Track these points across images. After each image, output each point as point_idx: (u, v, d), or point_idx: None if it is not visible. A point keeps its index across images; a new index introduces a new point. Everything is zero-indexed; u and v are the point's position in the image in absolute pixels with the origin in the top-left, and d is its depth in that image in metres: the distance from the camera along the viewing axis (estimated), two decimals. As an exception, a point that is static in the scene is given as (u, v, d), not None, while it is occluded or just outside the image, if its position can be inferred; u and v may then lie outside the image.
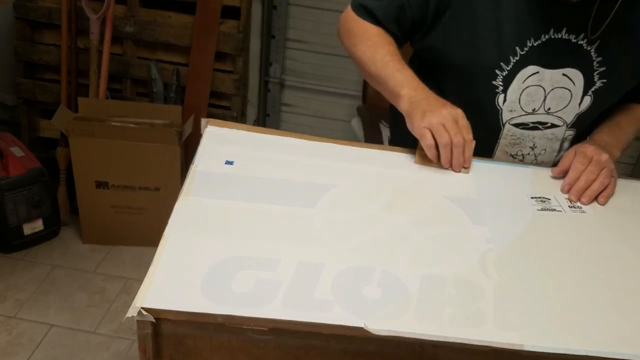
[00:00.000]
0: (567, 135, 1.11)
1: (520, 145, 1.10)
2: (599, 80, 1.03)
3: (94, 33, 2.07)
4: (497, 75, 1.03)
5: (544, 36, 1.01)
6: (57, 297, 1.92)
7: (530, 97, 1.05)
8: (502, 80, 1.04)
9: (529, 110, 1.06)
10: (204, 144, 1.02)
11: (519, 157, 1.12)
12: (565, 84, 1.03)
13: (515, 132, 1.08)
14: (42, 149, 2.38)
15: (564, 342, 0.70)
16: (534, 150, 1.11)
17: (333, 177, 0.98)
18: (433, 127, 0.97)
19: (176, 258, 0.75)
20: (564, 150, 1.12)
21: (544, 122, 1.07)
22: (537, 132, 1.08)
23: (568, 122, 1.08)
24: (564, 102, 1.05)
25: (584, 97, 1.05)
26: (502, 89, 1.04)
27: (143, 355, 0.70)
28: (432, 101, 1.01)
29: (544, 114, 1.06)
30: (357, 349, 0.70)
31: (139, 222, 2.12)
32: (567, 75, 1.03)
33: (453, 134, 0.97)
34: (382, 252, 0.81)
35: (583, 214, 0.98)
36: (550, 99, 1.04)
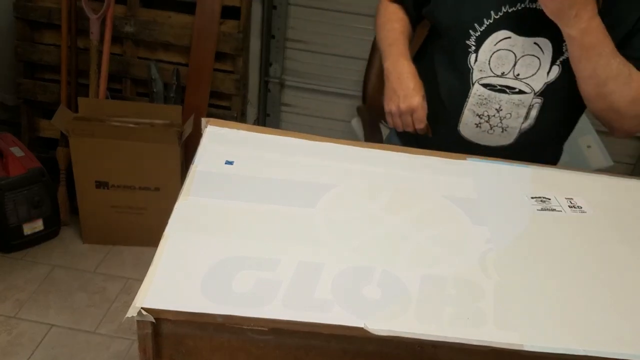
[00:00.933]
0: (534, 102, 1.13)
1: (487, 106, 1.13)
2: (567, 51, 1.05)
3: (94, 33, 2.07)
4: (470, 35, 1.09)
5: (520, 5, 1.06)
6: (57, 297, 1.92)
7: (501, 61, 1.09)
8: (475, 41, 1.10)
9: (498, 73, 1.10)
10: (204, 144, 1.02)
11: (485, 118, 1.15)
12: (535, 52, 1.08)
13: (482, 93, 1.13)
14: (42, 149, 2.38)
15: (564, 342, 0.70)
16: (499, 113, 1.14)
17: (333, 177, 0.98)
18: (392, 115, 1.16)
19: (176, 258, 0.75)
20: (530, 118, 1.15)
21: (512, 87, 1.11)
22: (504, 95, 1.12)
23: (536, 90, 1.11)
24: (533, 69, 1.09)
25: (552, 66, 1.08)
26: (474, 49, 1.10)
27: (143, 355, 0.70)
28: (402, 82, 1.14)
29: (513, 79, 1.10)
30: (357, 349, 0.70)
31: (139, 222, 2.12)
32: (538, 44, 1.07)
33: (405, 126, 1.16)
34: (382, 252, 0.81)
35: (583, 214, 0.98)
36: (520, 65, 1.09)
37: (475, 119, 1.15)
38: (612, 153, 2.10)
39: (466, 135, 1.18)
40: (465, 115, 1.16)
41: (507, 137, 1.17)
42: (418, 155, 1.09)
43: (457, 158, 1.10)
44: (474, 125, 1.16)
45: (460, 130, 1.18)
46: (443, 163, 1.07)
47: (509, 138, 1.17)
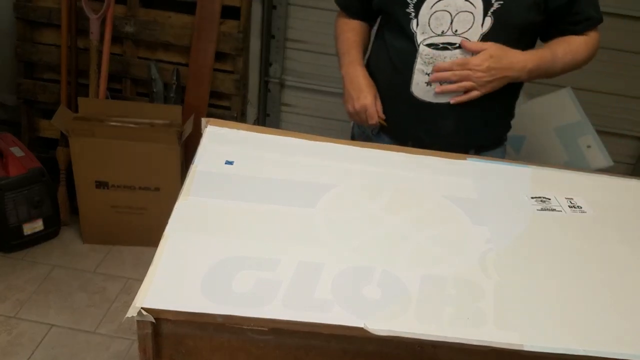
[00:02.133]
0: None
1: (433, 64, 1.22)
2: (496, 2, 1.16)
3: (94, 33, 2.07)
4: (408, 4, 1.21)
5: None
6: (57, 297, 1.92)
7: (438, 21, 1.20)
8: (413, 8, 1.21)
9: (438, 32, 1.20)
10: (204, 144, 1.02)
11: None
12: (467, 8, 1.18)
13: (428, 52, 1.22)
14: (42, 149, 2.38)
15: (563, 342, 0.70)
16: None
17: (333, 177, 0.98)
18: (350, 114, 1.33)
19: (176, 258, 0.75)
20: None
21: (453, 43, 1.20)
22: (447, 52, 1.21)
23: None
24: (468, 24, 1.19)
25: (485, 18, 1.18)
26: (414, 15, 1.22)
27: (143, 355, 0.70)
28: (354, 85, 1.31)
29: (452, 36, 1.20)
30: (357, 349, 0.70)
31: (139, 222, 2.12)
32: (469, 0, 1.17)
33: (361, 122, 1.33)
34: (382, 252, 0.81)
35: (583, 214, 0.98)
36: (456, 22, 1.19)
37: (425, 77, 1.24)
38: (612, 153, 2.09)
39: (418, 95, 1.26)
40: (415, 75, 1.24)
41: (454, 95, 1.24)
42: (418, 155, 1.09)
43: (457, 158, 1.10)
44: (425, 84, 1.24)
45: (412, 92, 1.26)
46: (443, 163, 1.07)
47: (457, 92, 1.23)
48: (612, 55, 2.31)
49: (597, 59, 2.41)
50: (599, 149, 2.06)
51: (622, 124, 2.43)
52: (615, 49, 2.29)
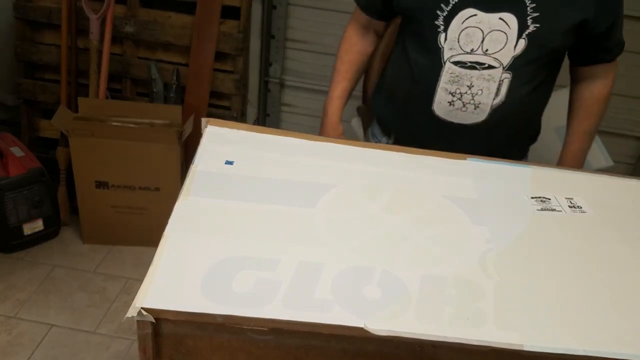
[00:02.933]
0: (504, 77, 1.17)
1: (459, 83, 1.17)
2: (532, 24, 1.12)
3: (94, 33, 2.07)
4: (438, 16, 1.14)
5: None
6: (57, 297, 1.92)
7: (469, 38, 1.14)
8: (443, 20, 1.15)
9: (468, 50, 1.15)
10: (204, 144, 1.02)
11: (457, 96, 1.19)
12: (501, 27, 1.12)
13: (454, 70, 1.17)
14: (42, 149, 2.38)
15: (563, 342, 0.70)
16: (471, 90, 1.18)
17: (333, 177, 0.98)
18: None
19: (176, 258, 0.75)
20: (501, 94, 1.18)
21: (482, 63, 1.15)
22: (474, 71, 1.16)
23: (504, 64, 1.16)
24: (500, 44, 1.14)
25: (519, 40, 1.13)
26: (443, 28, 1.15)
27: (143, 355, 0.70)
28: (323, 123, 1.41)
29: (482, 55, 1.15)
30: (357, 349, 0.70)
31: (139, 222, 2.12)
32: (503, 19, 1.12)
33: None
34: (382, 252, 0.81)
35: (583, 214, 0.98)
36: (487, 41, 1.13)
37: (448, 97, 1.19)
38: (612, 153, 2.09)
39: (440, 114, 1.21)
40: (438, 94, 1.20)
41: (480, 114, 1.20)
42: (418, 155, 1.09)
43: (457, 158, 1.10)
44: (447, 103, 1.20)
45: (434, 110, 1.21)
46: (443, 163, 1.07)
47: (481, 115, 1.20)
48: (612, 55, 2.30)
49: (597, 59, 2.38)
50: (599, 149, 2.06)
51: (622, 124, 2.43)
52: (615, 49, 2.29)
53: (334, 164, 1.02)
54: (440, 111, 1.21)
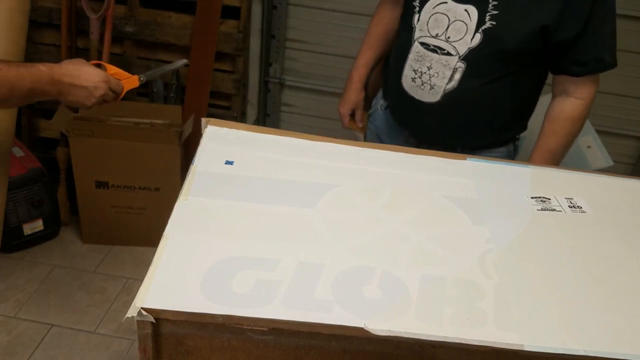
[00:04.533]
0: (458, 66, 1.22)
1: (421, 62, 1.25)
2: (489, 21, 1.17)
3: (94, 33, 2.07)
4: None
5: None
6: (57, 297, 1.92)
7: (436, 23, 1.22)
8: (419, 2, 1.24)
9: (433, 34, 1.23)
10: (204, 144, 1.02)
11: (419, 74, 1.27)
12: (464, 18, 1.19)
13: (419, 50, 1.25)
14: (42, 149, 2.38)
15: (563, 342, 0.70)
16: (430, 71, 1.25)
17: (333, 177, 0.98)
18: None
19: (176, 258, 0.75)
20: (454, 80, 1.24)
21: (442, 48, 1.22)
22: (435, 55, 1.24)
23: (460, 53, 1.21)
24: (460, 34, 1.20)
25: (475, 33, 1.19)
26: (418, 10, 1.25)
27: (143, 355, 0.70)
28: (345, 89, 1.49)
29: (444, 41, 1.22)
30: (357, 349, 0.70)
31: (139, 222, 2.12)
32: (467, 10, 1.18)
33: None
34: (382, 252, 0.81)
35: (583, 214, 0.98)
36: (451, 29, 1.20)
37: (412, 73, 1.28)
38: (612, 153, 2.09)
39: (406, 88, 1.30)
40: (406, 69, 1.29)
41: (434, 94, 1.26)
42: (418, 155, 1.09)
43: (457, 158, 1.10)
44: (411, 79, 1.28)
45: (402, 83, 1.31)
46: (443, 163, 1.07)
47: (435, 96, 1.26)
48: (612, 55, 2.30)
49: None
50: (598, 149, 2.06)
51: (622, 124, 2.43)
52: (615, 49, 2.29)
53: (334, 164, 1.02)
54: (406, 85, 1.30)
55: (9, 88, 0.95)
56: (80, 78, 1.07)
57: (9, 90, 0.95)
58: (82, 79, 1.07)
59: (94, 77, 1.10)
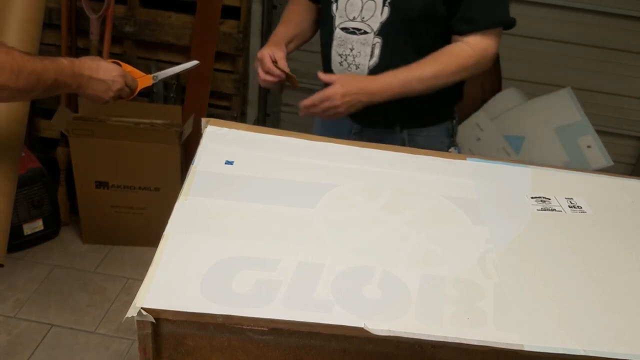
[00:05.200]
0: (375, 42, 1.30)
1: (344, 46, 1.33)
2: None
3: (94, 33, 2.07)
4: None
5: None
6: (57, 297, 1.92)
7: (352, 7, 1.30)
8: None
9: (351, 17, 1.31)
10: (204, 144, 1.02)
11: (344, 57, 1.34)
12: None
13: (341, 35, 1.33)
14: (42, 149, 2.38)
15: (563, 342, 0.70)
16: (352, 52, 1.33)
17: (333, 177, 0.98)
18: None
19: (176, 258, 0.75)
20: (375, 56, 1.30)
21: (359, 29, 1.30)
22: (354, 36, 1.31)
23: (375, 30, 1.29)
24: (372, 12, 1.28)
25: (384, 7, 1.26)
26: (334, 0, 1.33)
27: (143, 355, 0.70)
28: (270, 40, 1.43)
29: (360, 22, 1.30)
30: (357, 349, 0.70)
31: (139, 222, 2.12)
32: None
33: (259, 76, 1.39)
34: (382, 252, 0.81)
35: (583, 214, 0.98)
36: (364, 10, 1.29)
37: (338, 57, 1.35)
38: (612, 153, 2.10)
39: (336, 72, 1.36)
40: (333, 56, 1.36)
41: (361, 73, 1.33)
42: (418, 155, 1.09)
43: (457, 158, 1.10)
44: (339, 64, 1.35)
45: (332, 69, 1.37)
46: (443, 163, 1.07)
47: (362, 74, 1.33)
48: (612, 55, 2.31)
49: (598, 59, 2.42)
50: (599, 149, 2.06)
51: (622, 124, 2.43)
52: (615, 49, 2.29)
53: (334, 164, 1.02)
54: (336, 70, 1.36)
55: (36, 78, 0.98)
56: (99, 72, 1.11)
57: (36, 80, 0.98)
58: (100, 73, 1.11)
59: (112, 72, 1.14)
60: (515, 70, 2.36)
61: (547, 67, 2.35)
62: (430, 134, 1.39)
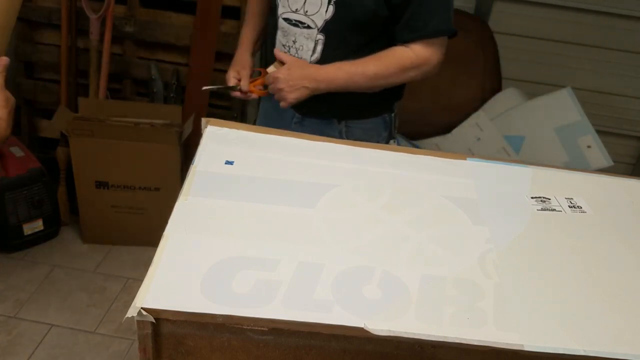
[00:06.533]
0: (318, 38, 1.30)
1: (287, 37, 1.34)
2: None
3: (94, 33, 2.07)
4: None
5: None
6: (57, 297, 1.92)
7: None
8: None
9: (293, 9, 1.30)
10: (204, 144, 1.02)
11: (287, 48, 1.35)
12: None
13: (284, 26, 1.33)
14: (42, 149, 2.38)
15: (563, 342, 0.70)
16: (295, 45, 1.33)
17: (333, 177, 0.98)
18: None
19: (176, 258, 0.75)
20: (317, 52, 1.32)
21: (303, 22, 1.30)
22: (297, 29, 1.31)
23: (319, 26, 1.28)
24: (316, 8, 1.27)
25: (329, 6, 1.26)
26: None
27: (143, 355, 0.70)
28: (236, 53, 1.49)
29: (303, 15, 1.29)
30: (357, 349, 0.70)
31: (139, 222, 2.12)
32: None
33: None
34: (382, 252, 0.81)
35: (583, 214, 0.98)
36: (308, 3, 1.27)
37: (282, 48, 1.36)
38: (612, 153, 2.10)
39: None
40: (277, 45, 1.38)
41: None
42: (418, 155, 1.09)
43: (457, 158, 1.10)
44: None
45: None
46: (443, 163, 1.07)
47: None
48: (612, 55, 2.31)
49: (597, 59, 2.42)
50: (599, 149, 2.06)
51: (622, 124, 2.43)
52: (615, 49, 2.29)
53: (334, 164, 1.02)
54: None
55: None
56: None
57: None
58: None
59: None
60: (515, 70, 2.36)
61: (547, 67, 2.35)
62: (368, 126, 1.42)
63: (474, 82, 2.25)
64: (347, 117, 1.40)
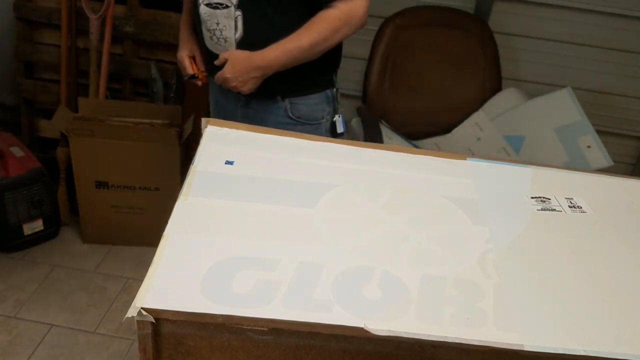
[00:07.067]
0: (237, 14, 1.34)
1: (211, 21, 1.37)
2: None
3: (94, 33, 2.07)
4: None
5: None
6: (57, 297, 1.92)
7: None
8: None
9: None
10: (204, 144, 1.02)
11: (212, 32, 1.39)
12: None
13: (206, 11, 1.37)
14: (42, 149, 2.38)
15: (563, 342, 0.70)
16: (219, 26, 1.37)
17: (333, 177, 0.98)
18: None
19: (176, 258, 0.75)
20: (239, 29, 1.36)
21: (222, 3, 1.34)
22: (218, 11, 1.35)
23: (234, 3, 1.34)
24: None
25: None
26: None
27: (143, 355, 0.70)
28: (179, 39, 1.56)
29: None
30: (357, 349, 0.70)
31: (139, 222, 2.12)
32: None
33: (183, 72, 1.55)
34: (382, 252, 0.81)
35: (583, 214, 0.98)
36: None
37: (208, 33, 1.40)
38: (612, 153, 2.10)
39: (210, 47, 1.43)
40: (203, 32, 1.42)
41: (230, 46, 1.39)
42: (418, 155, 1.09)
43: (457, 158, 1.10)
44: (209, 38, 1.41)
45: (207, 45, 1.43)
46: (443, 163, 1.07)
47: (231, 47, 1.39)
48: (612, 55, 2.31)
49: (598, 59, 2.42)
50: (599, 149, 2.06)
51: (622, 124, 2.43)
52: (615, 49, 2.29)
53: (334, 164, 1.02)
54: (209, 45, 1.42)
55: None
56: None
57: None
58: None
59: None
60: (515, 70, 2.36)
61: (547, 67, 2.35)
62: (310, 102, 1.46)
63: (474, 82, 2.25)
64: (289, 94, 1.44)
